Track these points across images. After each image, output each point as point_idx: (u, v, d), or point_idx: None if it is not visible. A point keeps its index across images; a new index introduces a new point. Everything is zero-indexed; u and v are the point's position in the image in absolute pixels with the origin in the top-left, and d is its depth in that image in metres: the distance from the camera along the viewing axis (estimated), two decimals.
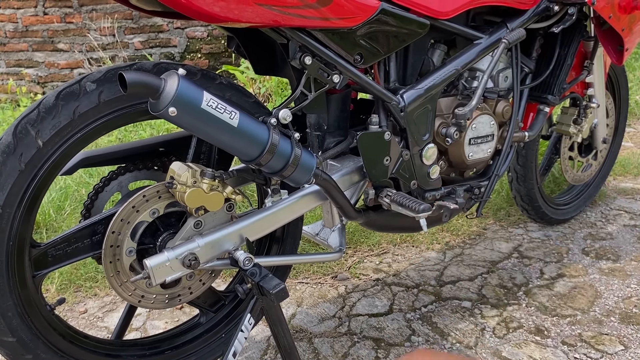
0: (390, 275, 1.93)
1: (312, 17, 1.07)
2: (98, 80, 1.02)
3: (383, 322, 1.68)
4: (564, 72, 1.70)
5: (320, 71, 1.15)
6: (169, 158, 1.26)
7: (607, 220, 2.30)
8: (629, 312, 1.68)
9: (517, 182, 2.06)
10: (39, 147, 0.98)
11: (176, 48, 4.25)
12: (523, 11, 1.48)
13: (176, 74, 0.95)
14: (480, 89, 1.36)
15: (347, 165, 1.33)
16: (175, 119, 0.95)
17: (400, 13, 1.21)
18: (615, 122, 2.29)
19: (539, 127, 1.70)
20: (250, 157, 1.06)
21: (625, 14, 1.65)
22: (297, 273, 1.95)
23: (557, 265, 1.97)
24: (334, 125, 1.32)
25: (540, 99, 1.72)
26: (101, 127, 1.04)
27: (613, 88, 2.23)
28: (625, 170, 2.77)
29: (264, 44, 1.23)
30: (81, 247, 1.12)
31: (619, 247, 2.08)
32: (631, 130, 3.48)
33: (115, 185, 1.20)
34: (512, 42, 1.38)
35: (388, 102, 1.29)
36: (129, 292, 1.15)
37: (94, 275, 1.94)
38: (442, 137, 1.40)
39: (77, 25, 4.12)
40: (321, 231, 1.51)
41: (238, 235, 1.19)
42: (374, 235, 2.16)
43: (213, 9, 0.97)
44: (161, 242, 1.15)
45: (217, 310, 1.41)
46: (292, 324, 1.68)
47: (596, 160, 2.20)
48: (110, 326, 1.71)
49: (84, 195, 2.47)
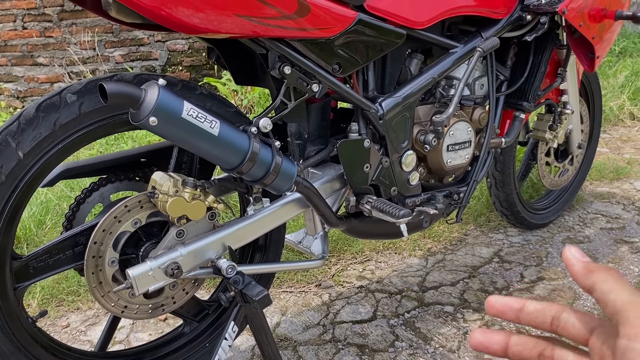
0: (374, 282, 1.95)
1: (290, 28, 1.09)
2: (78, 92, 1.03)
3: (367, 329, 1.69)
4: (538, 79, 1.74)
5: (299, 80, 1.17)
6: (150, 168, 1.26)
7: (584, 223, 2.35)
8: None
9: (496, 188, 2.09)
10: (19, 158, 0.99)
11: (157, 61, 4.25)
12: (497, 20, 1.52)
13: (156, 84, 0.97)
14: (456, 96, 1.39)
15: (328, 172, 1.35)
16: (156, 128, 0.96)
17: (377, 23, 1.24)
18: (590, 128, 2.34)
19: (515, 133, 1.74)
20: (232, 165, 1.07)
21: (595, 22, 1.70)
22: (280, 282, 1.96)
23: (536, 269, 2.00)
24: (315, 133, 1.34)
25: (516, 105, 1.76)
26: (82, 138, 1.05)
27: (587, 95, 2.29)
28: (601, 175, 2.83)
29: (244, 55, 1.25)
30: (63, 259, 1.11)
31: (596, 249, 2.12)
32: (607, 136, 3.56)
33: (97, 197, 1.20)
34: (486, 50, 1.42)
35: (367, 110, 1.31)
36: (112, 303, 1.15)
37: (76, 289, 1.93)
38: (420, 144, 1.43)
39: (56, 39, 4.10)
40: (304, 239, 1.52)
41: (220, 244, 1.20)
42: (356, 243, 2.18)
43: (192, 21, 0.98)
44: (144, 251, 1.16)
45: (200, 320, 1.41)
46: (276, 332, 1.69)
47: (572, 165, 2.25)
48: (93, 340, 1.70)
49: (65, 209, 2.45)
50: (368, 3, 1.23)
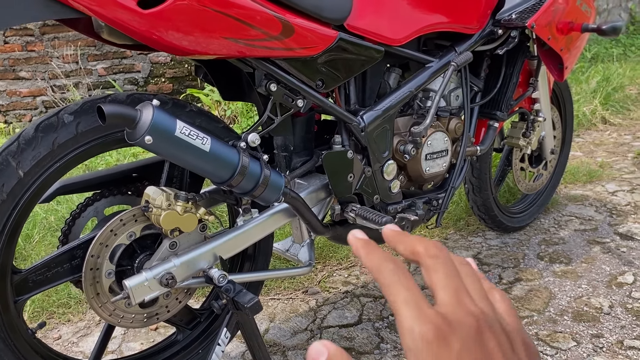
0: (359, 287, 2.02)
1: (276, 48, 1.15)
2: (75, 112, 1.08)
3: (353, 332, 1.75)
4: (510, 89, 1.83)
5: (285, 97, 1.23)
6: (142, 183, 1.31)
7: (559, 226, 2.44)
8: (580, 311, 1.80)
9: (474, 193, 2.17)
10: (20, 177, 1.03)
11: (140, 73, 4.28)
12: (470, 35, 1.60)
13: (151, 105, 1.02)
14: (433, 108, 1.47)
15: (314, 183, 1.41)
16: (151, 146, 1.01)
17: (357, 41, 1.31)
18: (562, 134, 2.44)
19: (490, 141, 1.83)
20: (222, 179, 1.13)
21: (563, 35, 1.79)
22: (268, 290, 2.01)
23: (514, 271, 2.08)
24: (300, 146, 1.40)
25: (490, 115, 1.84)
26: (79, 156, 1.10)
27: (558, 102, 2.39)
28: (575, 178, 2.94)
29: (231, 72, 1.31)
30: (61, 272, 1.16)
31: (570, 250, 2.21)
32: (580, 140, 3.68)
33: (92, 211, 1.25)
34: (460, 64, 1.50)
35: (349, 123, 1.38)
36: (109, 313, 1.19)
37: (67, 301, 1.96)
38: (400, 154, 1.50)
39: (39, 53, 4.11)
40: (291, 247, 1.58)
41: (212, 254, 1.25)
42: (342, 250, 2.24)
43: (182, 43, 1.04)
44: (139, 263, 1.20)
45: (193, 328, 1.46)
46: (265, 338, 1.74)
47: (546, 170, 2.34)
48: (86, 350, 1.73)
49: (53, 223, 2.48)
50: (348, 22, 1.30)
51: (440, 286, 0.37)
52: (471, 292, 0.38)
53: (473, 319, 0.34)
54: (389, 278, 0.37)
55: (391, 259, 0.38)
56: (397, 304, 0.35)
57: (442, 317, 0.34)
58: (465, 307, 0.35)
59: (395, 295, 0.36)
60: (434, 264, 0.38)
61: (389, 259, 0.38)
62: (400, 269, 0.37)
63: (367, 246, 0.40)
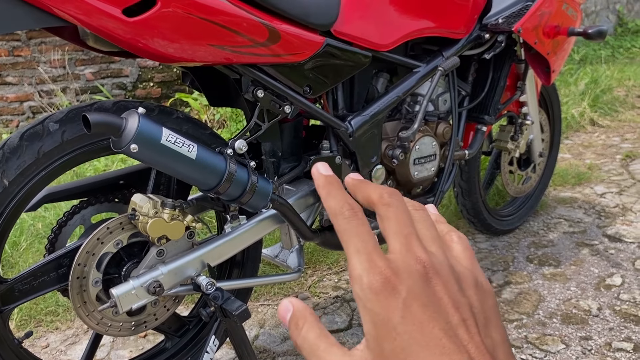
0: (349, 292, 2.01)
1: (262, 54, 1.15)
2: (60, 121, 1.07)
3: (343, 337, 1.75)
4: (498, 93, 1.84)
5: (272, 103, 1.23)
6: (129, 190, 1.30)
7: (548, 228, 2.46)
8: (569, 313, 1.81)
9: (463, 197, 2.18)
10: (5, 186, 1.02)
11: (128, 78, 4.26)
12: (457, 40, 1.61)
13: (136, 113, 1.01)
14: (421, 112, 1.47)
15: (302, 189, 1.41)
16: (137, 154, 1.00)
17: (344, 47, 1.31)
18: (550, 137, 2.46)
19: (478, 145, 1.83)
20: (209, 186, 1.13)
21: (549, 39, 1.81)
22: (258, 296, 2.01)
23: (503, 274, 2.09)
24: (288, 151, 1.40)
25: (478, 119, 1.85)
26: (65, 164, 1.09)
27: (546, 105, 2.40)
28: (564, 180, 2.96)
29: (218, 79, 1.31)
30: (47, 281, 1.15)
31: (559, 253, 2.22)
32: (569, 142, 3.70)
33: (79, 219, 1.24)
34: (447, 69, 1.50)
35: (337, 128, 1.38)
36: (96, 322, 1.18)
37: (55, 309, 1.95)
38: (389, 159, 1.51)
39: (25, 58, 4.08)
40: (280, 253, 1.58)
41: (200, 262, 1.24)
42: (332, 254, 2.24)
43: (168, 51, 1.03)
44: (126, 271, 1.20)
45: (181, 335, 1.45)
46: (255, 345, 1.73)
47: (535, 173, 2.35)
48: (74, 359, 1.72)
49: (40, 230, 2.46)
50: (335, 28, 1.30)
51: (391, 234, 0.36)
52: (423, 238, 0.37)
53: (420, 266, 0.34)
54: (344, 225, 0.36)
55: (349, 204, 0.37)
56: (349, 252, 0.35)
57: (390, 267, 0.34)
58: (414, 254, 0.35)
59: (348, 243, 0.35)
60: (386, 212, 0.37)
61: (347, 204, 0.37)
62: (356, 216, 0.37)
63: (329, 186, 0.39)
